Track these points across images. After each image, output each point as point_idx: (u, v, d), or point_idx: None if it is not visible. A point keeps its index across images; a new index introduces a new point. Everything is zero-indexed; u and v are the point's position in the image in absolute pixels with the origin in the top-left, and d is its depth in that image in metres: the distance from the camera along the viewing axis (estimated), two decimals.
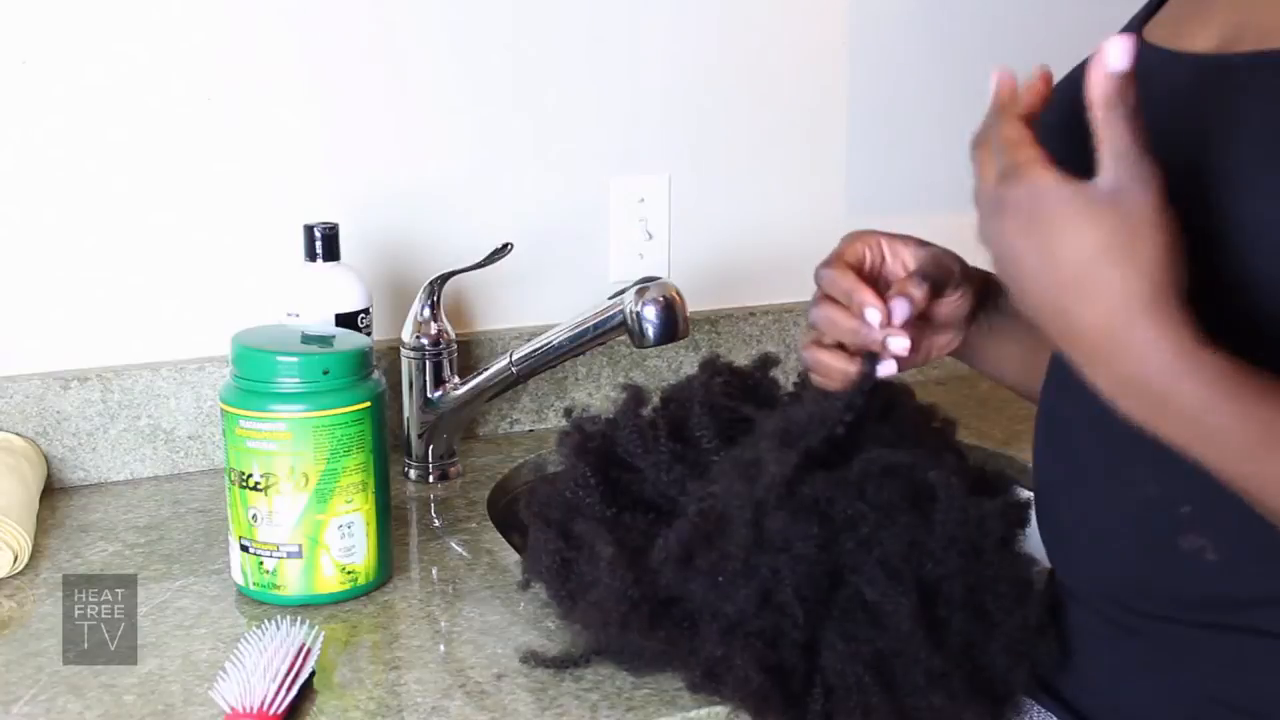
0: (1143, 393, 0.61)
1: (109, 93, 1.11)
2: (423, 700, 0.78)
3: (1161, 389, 0.60)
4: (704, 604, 0.76)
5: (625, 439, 0.88)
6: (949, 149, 1.52)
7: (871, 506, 0.76)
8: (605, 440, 0.89)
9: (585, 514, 0.84)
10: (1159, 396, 0.61)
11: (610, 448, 0.89)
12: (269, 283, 1.14)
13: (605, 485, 0.85)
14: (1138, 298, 0.60)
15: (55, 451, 1.12)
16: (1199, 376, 0.60)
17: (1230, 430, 0.60)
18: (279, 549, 0.88)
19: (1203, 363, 0.60)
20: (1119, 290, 0.60)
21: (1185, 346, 0.60)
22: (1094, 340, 0.61)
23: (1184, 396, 0.60)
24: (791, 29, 1.38)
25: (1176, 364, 0.60)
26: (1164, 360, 0.60)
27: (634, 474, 0.88)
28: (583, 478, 0.85)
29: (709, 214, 1.37)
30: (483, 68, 1.24)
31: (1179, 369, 0.60)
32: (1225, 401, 0.60)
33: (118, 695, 0.78)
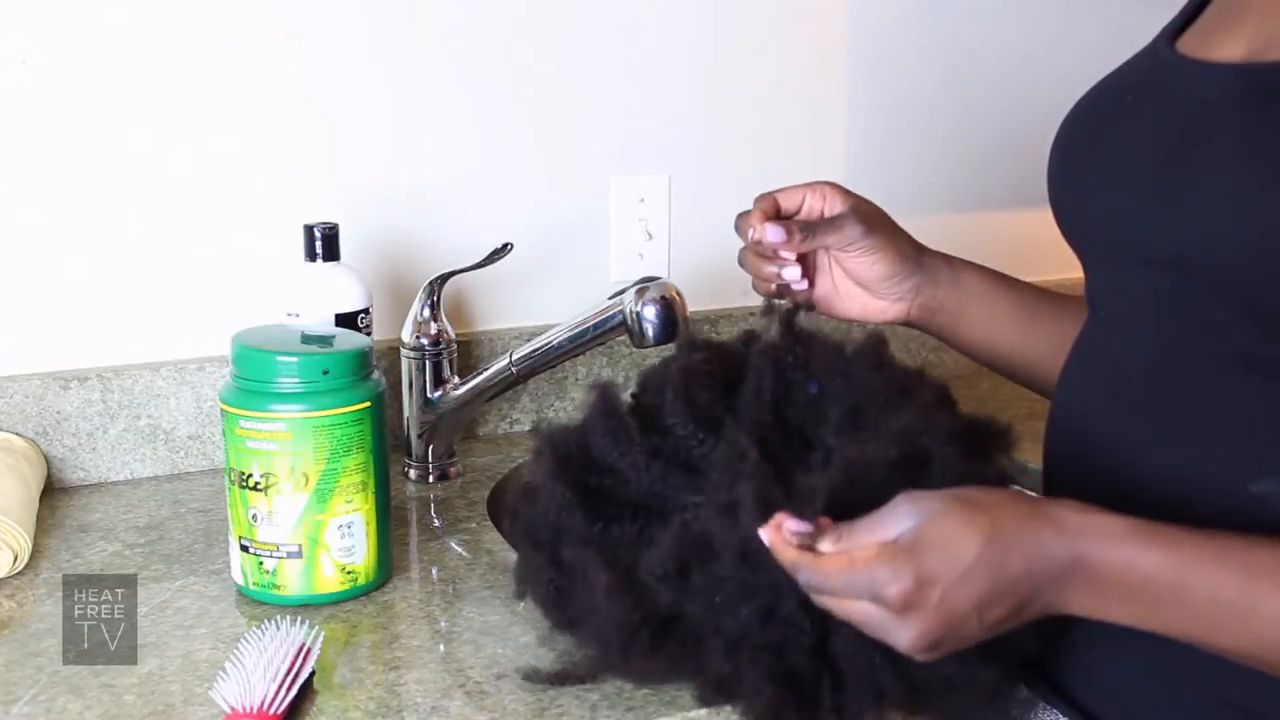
0: (1146, 594, 0.65)
1: (109, 93, 1.11)
2: (423, 700, 0.78)
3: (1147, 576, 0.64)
4: (704, 621, 0.74)
5: (599, 444, 0.84)
6: (948, 149, 1.53)
7: (867, 498, 0.73)
8: (579, 449, 0.85)
9: (572, 534, 0.81)
10: (1160, 587, 0.64)
11: (586, 454, 0.85)
12: (269, 283, 1.14)
13: (588, 500, 0.82)
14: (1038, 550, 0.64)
15: (55, 451, 1.12)
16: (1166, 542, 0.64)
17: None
18: (279, 549, 0.88)
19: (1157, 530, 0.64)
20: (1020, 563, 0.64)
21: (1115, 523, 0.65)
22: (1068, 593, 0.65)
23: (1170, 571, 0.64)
24: (791, 29, 1.38)
25: (1129, 540, 0.65)
26: (1112, 544, 0.64)
27: (615, 477, 0.84)
28: (563, 499, 0.82)
29: (709, 214, 1.37)
30: (483, 68, 1.24)
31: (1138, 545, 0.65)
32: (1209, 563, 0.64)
33: (118, 695, 0.78)
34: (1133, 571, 0.64)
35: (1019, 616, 0.66)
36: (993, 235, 1.54)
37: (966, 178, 1.52)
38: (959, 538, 0.64)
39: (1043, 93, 1.53)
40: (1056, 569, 0.64)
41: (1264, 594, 0.63)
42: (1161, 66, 0.75)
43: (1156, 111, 0.73)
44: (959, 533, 0.64)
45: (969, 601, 0.64)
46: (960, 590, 0.64)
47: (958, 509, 0.65)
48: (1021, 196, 1.55)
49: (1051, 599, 0.66)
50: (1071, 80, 1.60)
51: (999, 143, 1.52)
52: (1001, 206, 1.55)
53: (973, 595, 0.64)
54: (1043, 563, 0.64)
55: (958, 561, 0.64)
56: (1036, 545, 0.64)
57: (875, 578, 0.64)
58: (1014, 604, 0.65)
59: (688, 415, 0.83)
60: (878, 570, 0.64)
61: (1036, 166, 1.62)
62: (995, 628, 0.66)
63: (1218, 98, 0.69)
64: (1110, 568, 0.64)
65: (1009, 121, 1.52)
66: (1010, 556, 0.64)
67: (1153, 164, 0.71)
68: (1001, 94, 1.51)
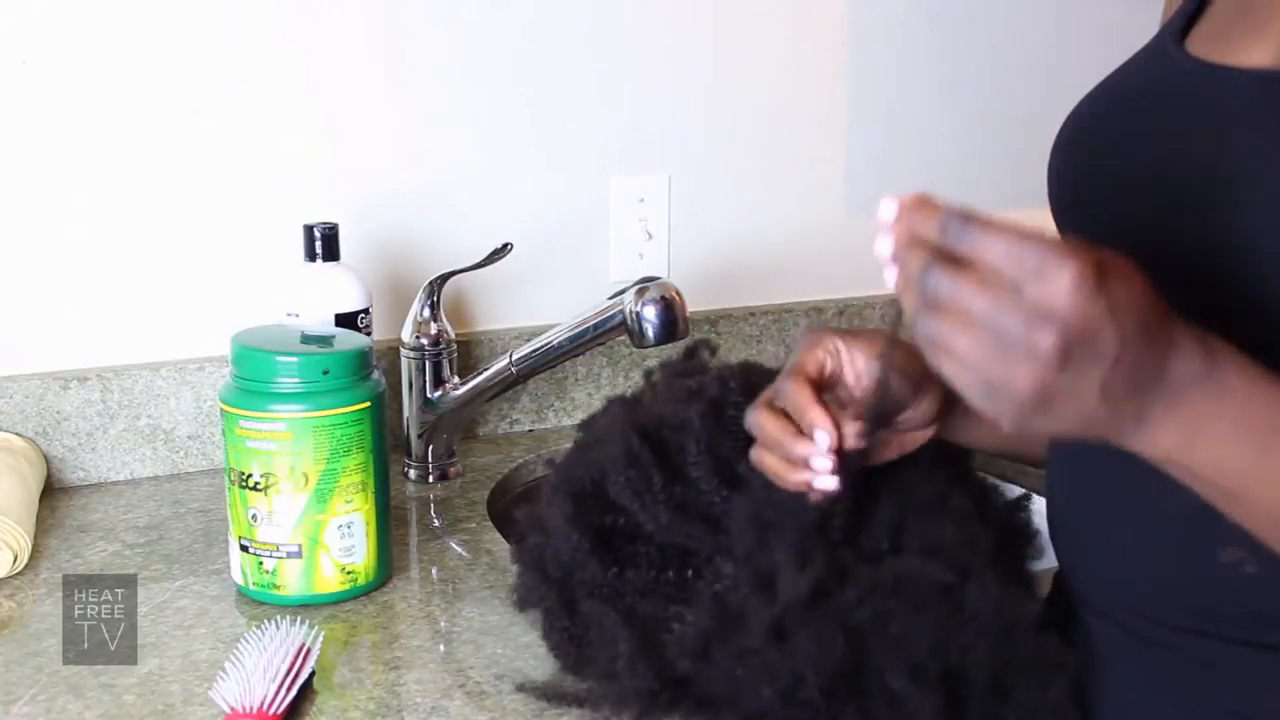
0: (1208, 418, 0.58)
1: (109, 93, 1.11)
2: (422, 700, 0.78)
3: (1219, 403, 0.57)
4: (723, 693, 0.73)
5: (618, 491, 0.82)
6: (948, 149, 1.53)
7: (901, 603, 0.72)
8: (595, 487, 0.83)
9: (586, 578, 0.80)
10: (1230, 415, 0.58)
11: (602, 493, 0.83)
12: (269, 283, 1.14)
13: (602, 543, 0.81)
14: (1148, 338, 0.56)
15: (55, 451, 1.12)
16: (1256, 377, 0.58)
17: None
18: (279, 549, 0.88)
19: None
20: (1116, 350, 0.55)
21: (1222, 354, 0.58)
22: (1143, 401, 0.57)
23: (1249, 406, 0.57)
24: (791, 29, 1.38)
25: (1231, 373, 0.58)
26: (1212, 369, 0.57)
27: (632, 516, 0.83)
28: (578, 545, 0.80)
29: (709, 214, 1.37)
30: (483, 68, 1.24)
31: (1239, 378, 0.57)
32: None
33: (118, 695, 0.78)
34: (1257, 391, 0.58)
35: (1129, 402, 0.57)
36: None
37: (966, 178, 1.51)
38: (1142, 279, 0.56)
39: (1043, 93, 1.53)
40: (1191, 363, 0.57)
41: None
42: (1177, 70, 0.72)
43: (1178, 117, 0.70)
44: (1142, 278, 0.56)
45: (1120, 332, 0.55)
46: (1128, 313, 0.54)
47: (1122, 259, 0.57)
48: (1021, 197, 1.54)
49: (1162, 402, 0.58)
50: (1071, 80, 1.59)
51: (998, 143, 1.52)
52: (1001, 207, 1.54)
53: (1134, 317, 0.55)
54: (1180, 348, 0.57)
55: (1137, 289, 0.56)
56: (1180, 331, 0.57)
57: (1052, 251, 0.54)
58: (1140, 364, 0.56)
59: (711, 469, 0.81)
60: (1056, 246, 0.55)
61: (1036, 167, 1.62)
62: (1110, 389, 0.56)
63: (1248, 105, 0.66)
64: (1239, 382, 0.58)
65: (1009, 122, 1.52)
66: (1163, 316, 0.57)
67: (1177, 172, 0.68)
68: (1001, 94, 1.51)
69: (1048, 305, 0.54)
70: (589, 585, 0.80)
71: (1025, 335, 0.54)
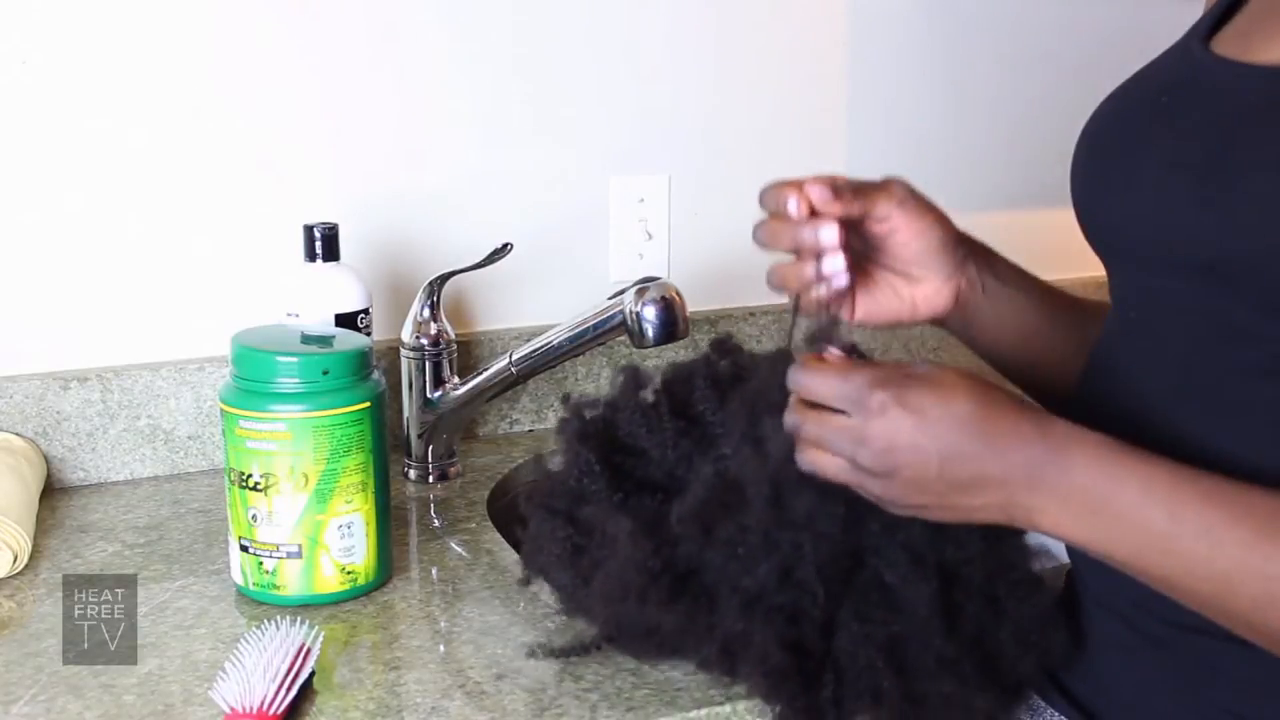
0: (1089, 501, 0.65)
1: (109, 93, 1.11)
2: (422, 700, 0.78)
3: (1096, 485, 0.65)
4: (723, 575, 0.75)
5: (627, 420, 0.86)
6: (948, 149, 1.53)
7: None
8: (606, 424, 0.87)
9: (592, 500, 0.82)
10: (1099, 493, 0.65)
11: (612, 431, 0.87)
12: (269, 283, 1.14)
13: (610, 470, 0.84)
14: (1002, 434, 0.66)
15: (55, 451, 1.12)
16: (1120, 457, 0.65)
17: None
18: (279, 549, 0.88)
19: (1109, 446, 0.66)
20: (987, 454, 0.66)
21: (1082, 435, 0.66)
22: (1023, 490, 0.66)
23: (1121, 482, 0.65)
24: (791, 29, 1.38)
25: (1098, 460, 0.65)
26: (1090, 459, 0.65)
27: (638, 457, 0.86)
28: (586, 464, 0.83)
29: (709, 214, 1.37)
30: (483, 68, 1.24)
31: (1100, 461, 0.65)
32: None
33: (117, 695, 0.78)
34: (1101, 480, 0.65)
35: (980, 497, 0.66)
36: (993, 235, 1.54)
37: (966, 178, 1.51)
38: (955, 393, 0.66)
39: (1043, 93, 1.54)
40: (1031, 467, 0.65)
41: (1221, 521, 0.62)
42: (1198, 67, 0.73)
43: (1195, 113, 0.71)
44: (957, 390, 0.66)
45: (937, 447, 0.65)
46: (934, 431, 0.65)
47: (967, 375, 0.67)
48: (1022, 197, 1.55)
49: (1017, 498, 0.66)
50: (1072, 79, 1.60)
51: (1000, 143, 1.52)
52: (1002, 207, 1.54)
53: (943, 444, 0.65)
54: (1018, 456, 0.65)
55: (944, 407, 0.65)
56: (1018, 437, 0.66)
57: (864, 383, 0.66)
58: (977, 479, 0.66)
59: (716, 401, 0.84)
60: (869, 377, 0.66)
61: (1036, 167, 1.63)
62: (954, 494, 0.67)
63: (1262, 100, 0.67)
64: (1082, 477, 0.65)
65: (1009, 122, 1.52)
66: (991, 434, 0.65)
67: (1193, 166, 0.69)
68: (1002, 94, 1.51)
69: (862, 430, 0.66)
70: (594, 500, 0.82)
71: (854, 455, 0.67)
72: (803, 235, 0.75)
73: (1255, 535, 0.62)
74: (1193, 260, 0.69)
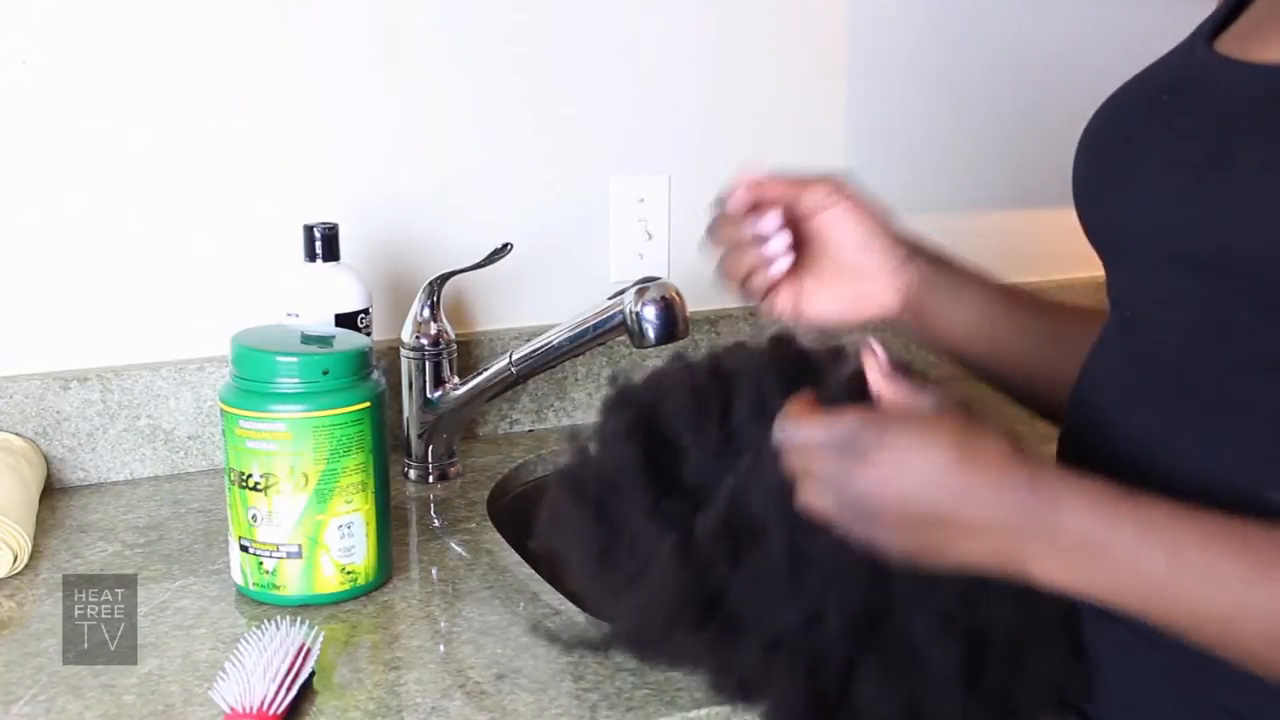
0: (1081, 552, 0.64)
1: (109, 93, 1.11)
2: (422, 700, 0.78)
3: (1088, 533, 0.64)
4: (747, 606, 0.73)
5: (674, 418, 0.81)
6: (948, 149, 1.53)
7: None
8: (651, 413, 0.82)
9: (624, 495, 0.79)
10: (1095, 544, 0.64)
11: (655, 422, 0.82)
12: (269, 283, 1.14)
13: (649, 467, 0.80)
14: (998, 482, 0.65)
15: (55, 451, 1.12)
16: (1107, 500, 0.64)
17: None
18: (279, 549, 0.88)
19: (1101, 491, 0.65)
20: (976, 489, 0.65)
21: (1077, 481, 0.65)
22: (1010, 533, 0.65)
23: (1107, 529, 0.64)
24: (791, 29, 1.38)
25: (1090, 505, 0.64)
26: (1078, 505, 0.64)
27: (680, 452, 0.82)
28: (628, 461, 0.79)
29: (709, 214, 1.37)
30: (483, 68, 1.24)
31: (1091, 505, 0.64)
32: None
33: (117, 695, 0.78)
34: (1096, 526, 0.64)
35: (967, 542, 0.66)
36: (993, 235, 1.54)
37: (966, 178, 1.51)
38: (942, 437, 0.65)
39: (1043, 93, 1.53)
40: (1021, 516, 0.64)
41: (1222, 559, 0.62)
42: (1200, 66, 0.73)
43: (1196, 111, 0.71)
44: (944, 435, 0.66)
45: (921, 490, 0.65)
46: (915, 473, 0.65)
47: (958, 421, 0.67)
48: (1021, 197, 1.55)
49: (1008, 546, 0.65)
50: (1072, 79, 1.60)
51: (999, 143, 1.52)
52: (1001, 206, 1.55)
53: (928, 486, 0.65)
54: (1010, 499, 0.65)
55: (927, 452, 0.65)
56: (1006, 481, 0.65)
57: (850, 426, 0.67)
58: (964, 523, 0.65)
59: (765, 418, 0.79)
60: (855, 422, 0.67)
61: (1036, 167, 1.63)
62: (939, 539, 0.66)
63: (1262, 98, 0.67)
64: (1076, 523, 0.64)
65: (1009, 121, 1.52)
66: (977, 477, 0.65)
67: (1192, 164, 0.69)
68: (1001, 94, 1.51)
69: (848, 474, 0.66)
70: (627, 500, 0.79)
71: (839, 496, 0.67)
72: (744, 226, 0.82)
73: (1257, 573, 0.61)
74: (1191, 259, 0.69)
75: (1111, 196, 0.76)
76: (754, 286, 0.84)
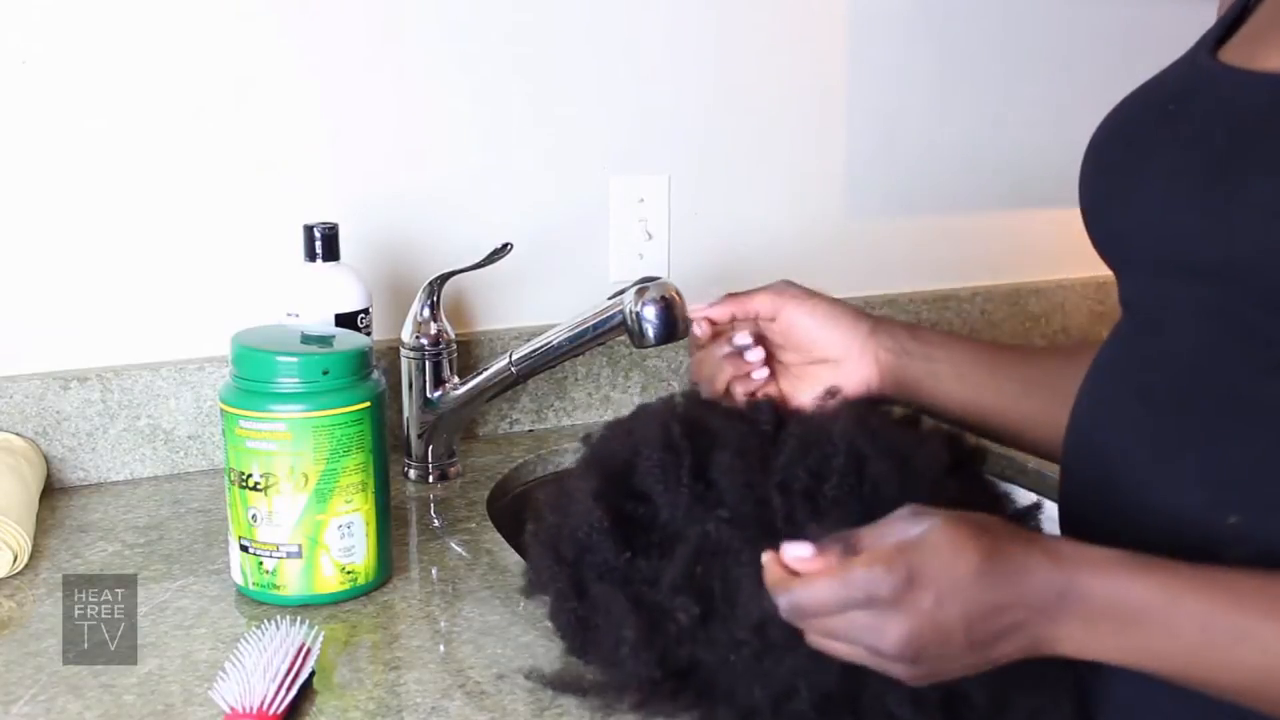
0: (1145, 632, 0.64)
1: (109, 93, 1.11)
2: (422, 700, 0.78)
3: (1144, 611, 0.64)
4: (720, 678, 0.73)
5: (645, 476, 0.82)
6: (947, 149, 1.53)
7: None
8: (625, 470, 0.83)
9: (598, 558, 0.80)
10: (1153, 623, 0.63)
11: (630, 477, 0.83)
12: (269, 283, 1.14)
13: (621, 527, 0.81)
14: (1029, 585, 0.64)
15: (55, 451, 1.12)
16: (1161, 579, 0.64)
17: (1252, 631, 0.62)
18: (279, 549, 0.88)
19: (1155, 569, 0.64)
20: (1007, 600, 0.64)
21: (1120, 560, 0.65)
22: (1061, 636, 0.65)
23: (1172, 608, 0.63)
24: (791, 30, 1.38)
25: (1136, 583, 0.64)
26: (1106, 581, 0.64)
27: (653, 505, 0.83)
28: (597, 523, 0.80)
29: (709, 214, 1.37)
30: (483, 68, 1.24)
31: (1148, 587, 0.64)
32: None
33: (117, 695, 0.78)
34: (1125, 598, 0.64)
35: (1005, 644, 0.65)
36: (993, 235, 1.55)
37: (966, 178, 1.51)
38: (960, 549, 0.64)
39: (1043, 94, 1.54)
40: (1049, 596, 0.64)
41: (1255, 620, 0.62)
42: (1204, 75, 0.74)
43: (1201, 120, 0.71)
44: (961, 544, 0.64)
45: (959, 613, 0.63)
46: (953, 600, 0.63)
47: (961, 524, 0.65)
48: (1021, 197, 1.55)
49: (1041, 632, 0.65)
50: (1072, 80, 1.60)
51: (998, 144, 1.52)
52: (1001, 206, 1.55)
53: (964, 608, 0.63)
54: (1035, 589, 0.64)
55: (954, 570, 0.63)
56: (1030, 571, 0.64)
57: (870, 578, 0.64)
58: (1002, 627, 0.64)
59: (741, 478, 0.80)
60: (873, 571, 0.64)
61: (1035, 168, 1.63)
62: (980, 651, 0.65)
63: (1264, 107, 0.67)
64: (1103, 594, 0.64)
65: (1009, 123, 1.52)
66: (1006, 576, 0.64)
67: (1197, 173, 0.69)
68: (1001, 95, 1.51)
69: (882, 625, 0.64)
70: (600, 567, 0.80)
71: (875, 647, 0.65)
72: (722, 345, 0.89)
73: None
74: (1197, 267, 0.69)
75: (1118, 207, 0.76)
76: (736, 395, 0.89)
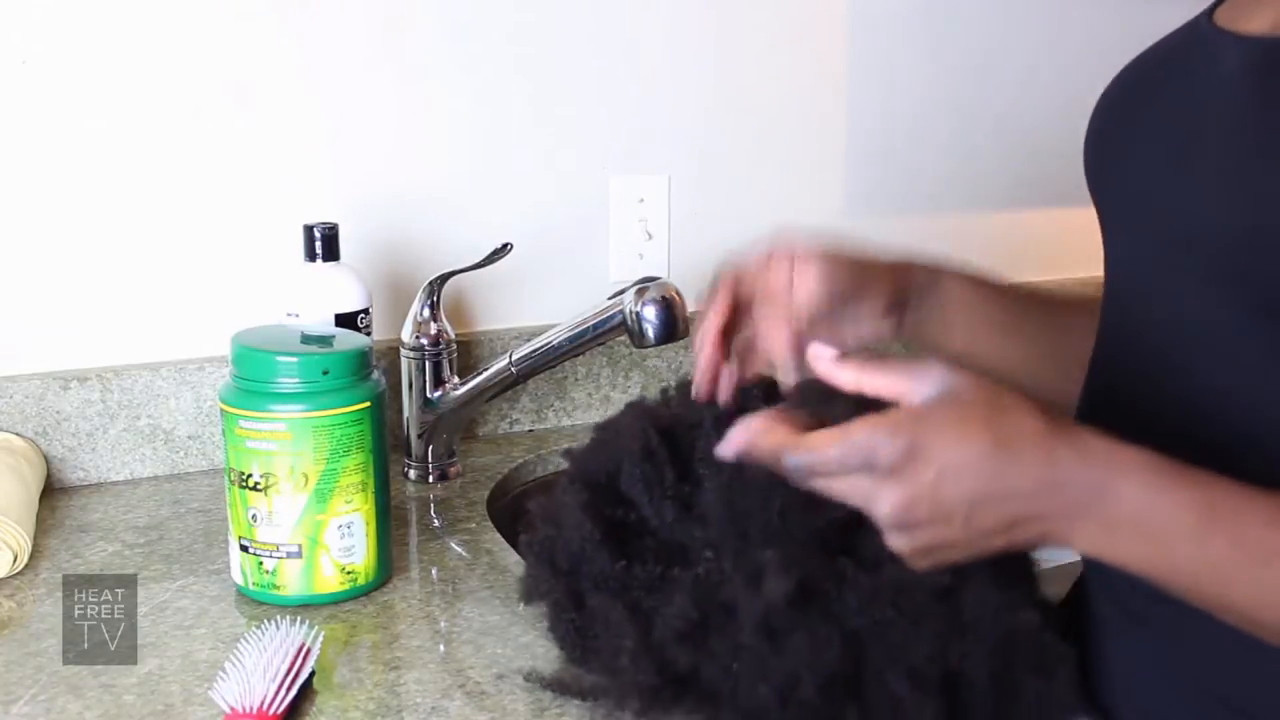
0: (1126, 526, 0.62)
1: (109, 93, 1.11)
2: (422, 700, 0.78)
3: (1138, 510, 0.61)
4: (720, 685, 0.72)
5: (629, 483, 0.82)
6: (948, 149, 1.53)
7: (900, 613, 0.70)
8: (610, 480, 0.83)
9: (594, 569, 0.80)
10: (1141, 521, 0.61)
11: (615, 486, 0.83)
12: (269, 283, 1.14)
13: (613, 535, 0.80)
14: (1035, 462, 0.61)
15: (55, 451, 1.12)
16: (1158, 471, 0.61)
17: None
18: (279, 549, 0.88)
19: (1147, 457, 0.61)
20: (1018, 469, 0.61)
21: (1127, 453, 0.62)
22: (1055, 516, 0.62)
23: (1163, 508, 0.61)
24: (791, 29, 1.38)
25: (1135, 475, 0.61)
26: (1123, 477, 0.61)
27: (639, 513, 0.83)
28: (589, 534, 0.80)
29: (709, 214, 1.37)
30: (483, 68, 1.24)
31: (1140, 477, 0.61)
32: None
33: (117, 695, 0.78)
34: (1157, 508, 0.60)
35: (1009, 534, 0.62)
36: (993, 235, 1.55)
37: (966, 178, 1.52)
38: (966, 430, 0.61)
39: (1043, 94, 1.54)
40: (1074, 494, 0.61)
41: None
42: (1198, 38, 0.75)
43: (1184, 82, 0.72)
44: (968, 425, 0.61)
45: (962, 494, 0.60)
46: (956, 480, 0.60)
47: (976, 404, 0.61)
48: (1021, 197, 1.55)
49: (1055, 527, 0.62)
50: (1071, 80, 1.60)
51: (999, 143, 1.52)
52: (1001, 207, 1.55)
53: (966, 490, 0.60)
54: (1057, 484, 0.60)
55: (960, 450, 0.60)
56: (1052, 466, 0.61)
57: (870, 443, 0.61)
58: (1008, 518, 0.61)
59: (722, 475, 0.78)
60: (875, 435, 0.61)
61: (1036, 167, 1.63)
62: (983, 537, 0.62)
63: (1237, 70, 0.68)
64: (1134, 502, 0.60)
65: (1009, 122, 1.52)
66: (1021, 466, 0.60)
67: (1173, 140, 0.70)
68: (1001, 94, 1.51)
69: (877, 490, 0.61)
70: (596, 577, 0.80)
71: (869, 510, 0.62)
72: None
73: None
74: (1174, 232, 0.70)
75: (1110, 168, 0.77)
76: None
